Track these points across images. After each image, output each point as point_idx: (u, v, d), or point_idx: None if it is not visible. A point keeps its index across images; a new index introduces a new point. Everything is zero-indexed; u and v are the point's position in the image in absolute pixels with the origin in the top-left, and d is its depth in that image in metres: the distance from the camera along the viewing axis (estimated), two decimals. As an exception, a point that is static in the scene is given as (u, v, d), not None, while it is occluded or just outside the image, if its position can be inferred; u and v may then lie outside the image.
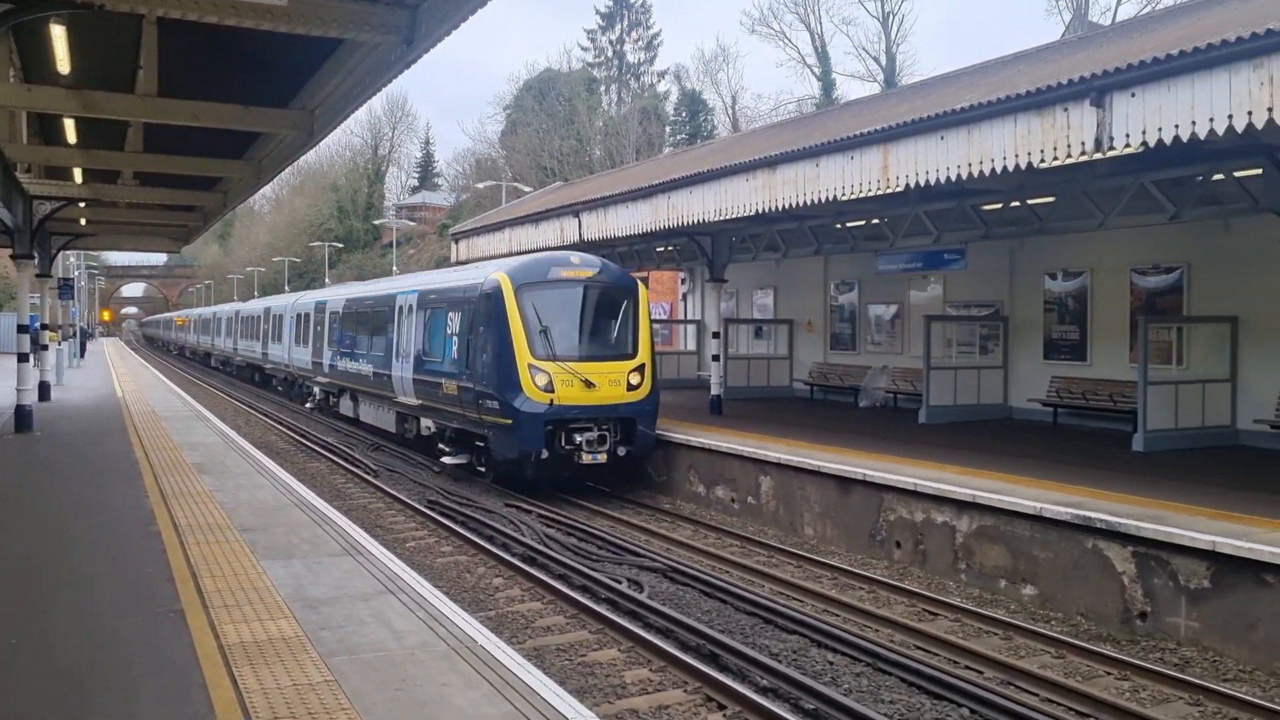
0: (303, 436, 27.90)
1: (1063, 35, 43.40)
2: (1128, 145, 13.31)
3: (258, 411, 35.65)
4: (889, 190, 15.77)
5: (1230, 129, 12.70)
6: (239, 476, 15.29)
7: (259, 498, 13.50)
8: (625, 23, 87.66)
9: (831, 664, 9.97)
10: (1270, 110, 12.42)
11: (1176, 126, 13.22)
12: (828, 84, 67.92)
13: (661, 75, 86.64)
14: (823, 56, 68.83)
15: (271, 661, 6.96)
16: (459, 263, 34.21)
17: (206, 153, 17.76)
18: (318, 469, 22.44)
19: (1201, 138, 12.97)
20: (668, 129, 76.10)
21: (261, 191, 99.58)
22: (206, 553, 10.18)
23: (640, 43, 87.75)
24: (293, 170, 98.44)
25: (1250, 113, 12.60)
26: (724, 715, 8.65)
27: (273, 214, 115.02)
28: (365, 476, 20.93)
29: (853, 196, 16.61)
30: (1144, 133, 13.42)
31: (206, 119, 13.46)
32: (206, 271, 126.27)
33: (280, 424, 31.40)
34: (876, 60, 66.72)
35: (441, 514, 17.01)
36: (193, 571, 9.42)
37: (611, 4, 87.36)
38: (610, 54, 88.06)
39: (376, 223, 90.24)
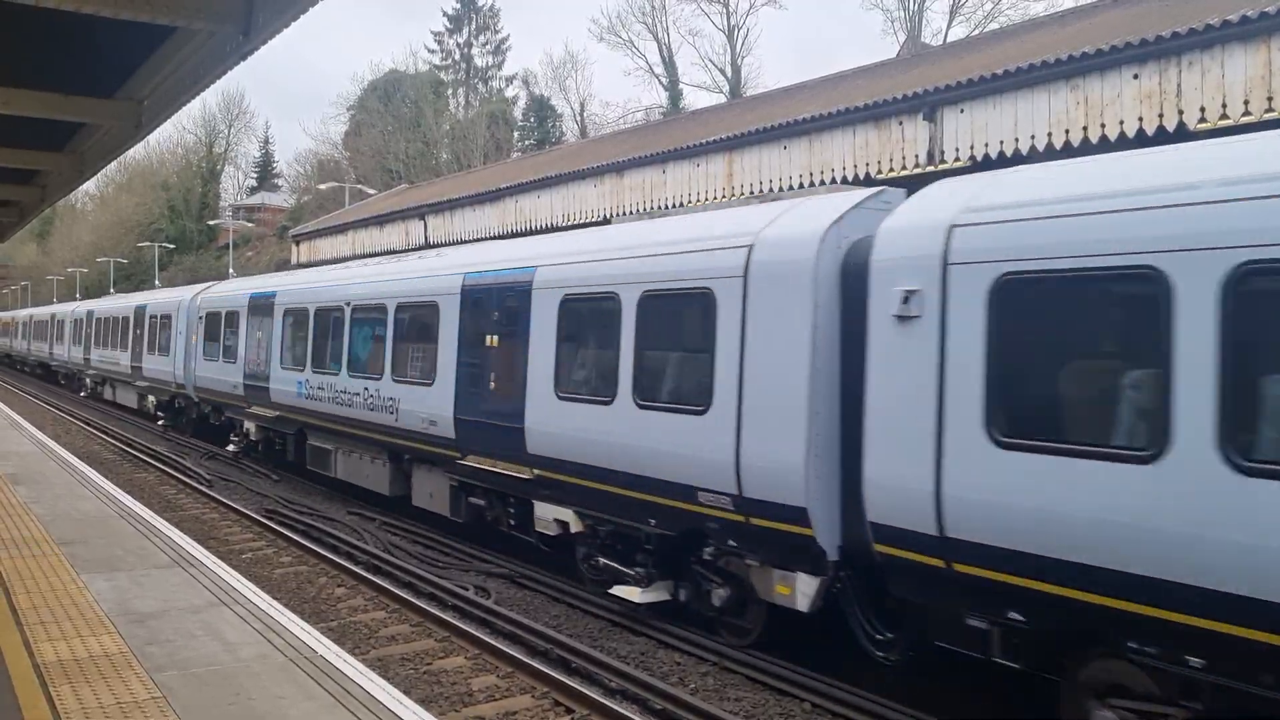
0: (129, 445, 26.49)
1: (898, 54, 45.24)
2: (957, 159, 13.96)
3: (79, 420, 33.69)
4: (733, 197, 16.10)
5: (1050, 145, 13.51)
6: (58, 487, 14.41)
7: (80, 509, 12.75)
8: (473, 26, 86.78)
9: (679, 664, 10.06)
10: (1085, 129, 13.28)
11: (1001, 142, 13.97)
12: (675, 93, 68.81)
13: (510, 80, 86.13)
14: (670, 66, 69.72)
15: (93, 679, 6.56)
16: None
17: (21, 143, 16.65)
18: (146, 479, 21.35)
19: (1024, 153, 13.75)
20: (516, 134, 75.65)
21: (84, 188, 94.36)
22: (21, 567, 9.53)
23: (488, 47, 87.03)
24: (119, 166, 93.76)
25: (1068, 130, 13.43)
26: (572, 718, 8.62)
27: (97, 212, 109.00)
28: (198, 487, 20.03)
29: (699, 203, 16.89)
30: (972, 147, 14.14)
31: (21, 107, 12.62)
32: (22, 272, 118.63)
33: (104, 433, 29.74)
34: (722, 72, 67.96)
35: (280, 523, 16.44)
36: (4, 587, 8.81)
37: (459, 6, 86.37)
38: (458, 57, 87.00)
39: (212, 223, 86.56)
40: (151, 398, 31.10)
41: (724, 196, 16.72)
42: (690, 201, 17.57)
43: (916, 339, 7.92)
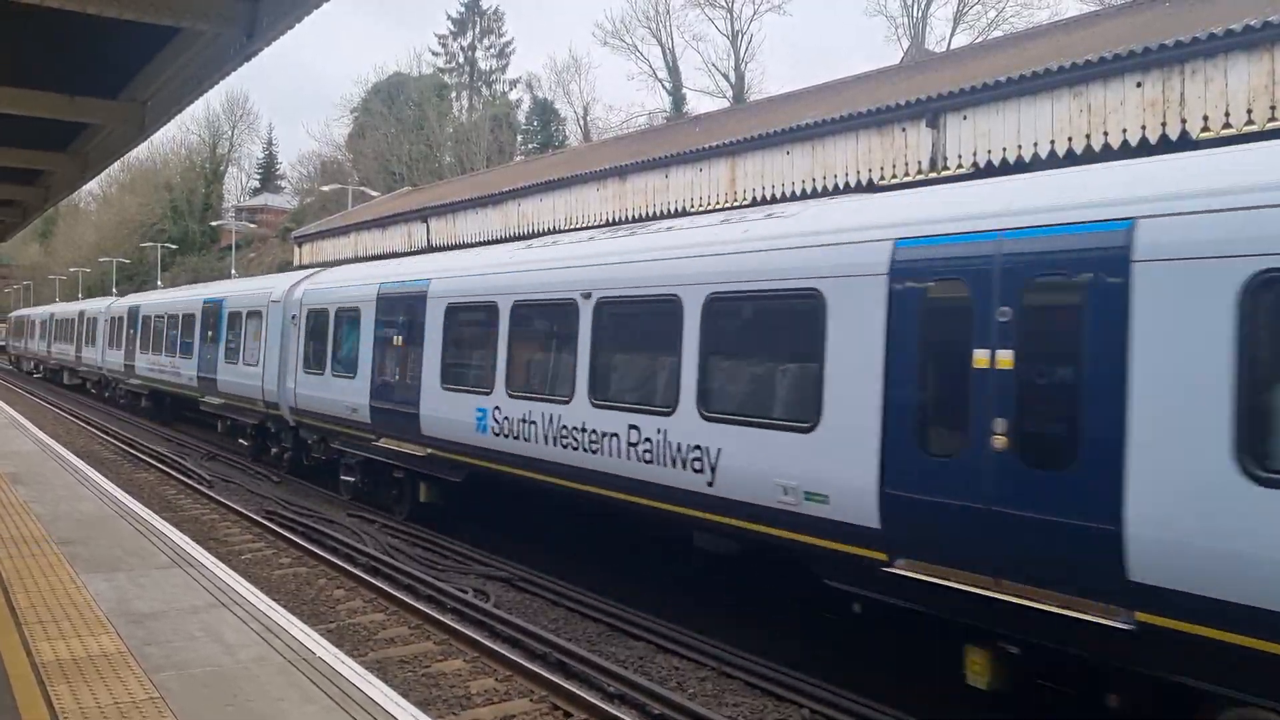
0: (129, 445, 26.51)
1: (901, 60, 45.24)
2: (960, 165, 13.96)
3: (80, 420, 33.70)
4: (736, 202, 16.09)
5: (1052, 152, 13.50)
6: (58, 487, 14.40)
7: (80, 509, 12.74)
8: (477, 29, 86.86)
9: (677, 669, 10.05)
10: (1088, 137, 13.28)
11: (1004, 149, 13.97)
12: (678, 98, 68.81)
13: (514, 83, 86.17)
14: (673, 71, 69.73)
15: (91, 679, 6.56)
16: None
17: (25, 144, 16.66)
18: (146, 479, 21.36)
19: (1027, 160, 13.74)
20: (519, 137, 75.68)
21: (88, 188, 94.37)
22: (20, 566, 9.53)
23: (492, 50, 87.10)
24: (122, 167, 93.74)
25: (1070, 139, 13.43)
26: (570, 722, 8.61)
27: (100, 212, 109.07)
28: (198, 487, 20.03)
29: (701, 207, 16.89)
30: (974, 154, 14.13)
31: (25, 107, 12.64)
32: (25, 272, 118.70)
33: (105, 432, 29.75)
34: (726, 77, 67.98)
35: (280, 525, 16.43)
36: (4, 586, 8.81)
37: (463, 10, 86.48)
38: (462, 60, 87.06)
39: (214, 224, 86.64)
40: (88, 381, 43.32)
41: (727, 201, 16.70)
42: (694, 206, 17.55)
43: (295, 333, 19.45)
